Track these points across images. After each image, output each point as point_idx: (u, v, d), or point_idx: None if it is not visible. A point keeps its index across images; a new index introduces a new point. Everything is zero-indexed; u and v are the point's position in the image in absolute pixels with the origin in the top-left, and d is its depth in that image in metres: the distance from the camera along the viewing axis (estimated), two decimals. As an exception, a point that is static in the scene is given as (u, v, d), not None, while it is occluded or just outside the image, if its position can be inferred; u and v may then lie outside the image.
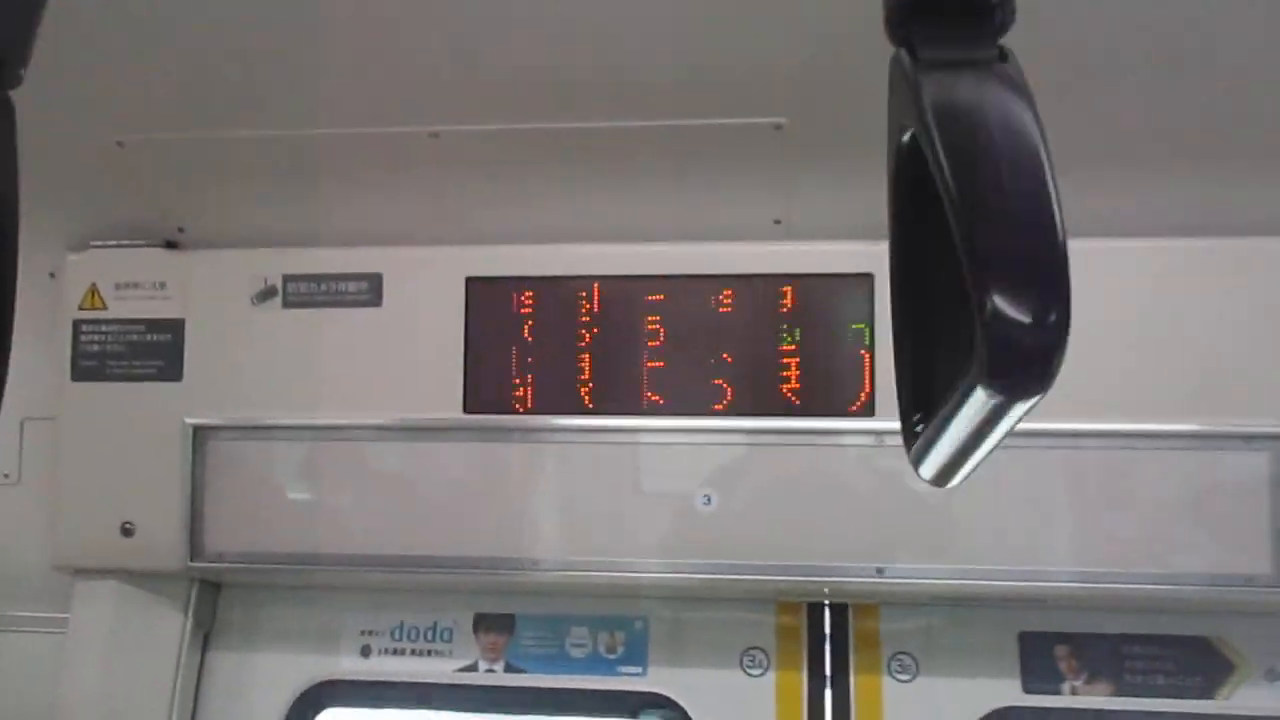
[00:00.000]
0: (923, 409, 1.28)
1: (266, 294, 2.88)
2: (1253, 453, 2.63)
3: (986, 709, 2.83)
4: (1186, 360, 2.64)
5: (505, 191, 2.76)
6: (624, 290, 2.74)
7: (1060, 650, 2.86)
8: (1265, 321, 2.64)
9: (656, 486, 2.77)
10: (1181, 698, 2.79)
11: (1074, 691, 2.83)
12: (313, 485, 2.85)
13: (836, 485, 2.70)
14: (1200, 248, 2.68)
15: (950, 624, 2.90)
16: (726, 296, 2.71)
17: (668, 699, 2.91)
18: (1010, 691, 2.84)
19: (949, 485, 1.33)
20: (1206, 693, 2.80)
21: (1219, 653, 2.86)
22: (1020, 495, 2.66)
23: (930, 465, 1.30)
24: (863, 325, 2.70)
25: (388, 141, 2.62)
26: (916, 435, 1.30)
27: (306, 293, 2.86)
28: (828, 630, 2.93)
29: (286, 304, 2.86)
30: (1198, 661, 2.84)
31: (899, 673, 2.88)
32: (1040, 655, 2.85)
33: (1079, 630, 2.86)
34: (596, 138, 2.55)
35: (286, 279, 2.87)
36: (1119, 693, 2.82)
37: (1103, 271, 2.53)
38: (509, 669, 3.00)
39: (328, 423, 2.83)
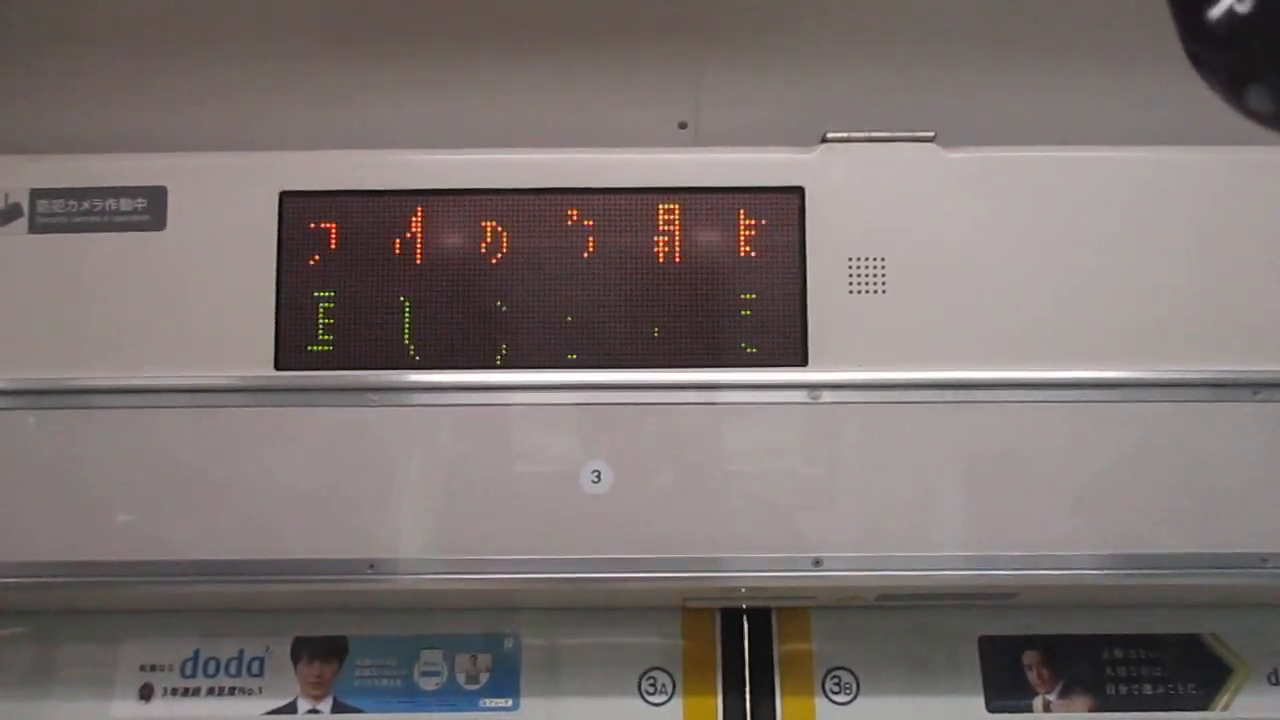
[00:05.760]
0: None
1: (8, 214, 2.30)
2: (1257, 404, 2.18)
3: (943, 734, 2.41)
4: (1184, 294, 2.22)
5: (333, 84, 2.37)
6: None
7: (1029, 657, 2.44)
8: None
9: (533, 461, 2.22)
10: (1173, 709, 2.41)
11: (1047, 707, 2.42)
12: (68, 468, 2.22)
13: (760, 454, 2.22)
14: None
15: (895, 631, 2.47)
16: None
17: (547, 738, 2.42)
18: (971, 711, 2.41)
19: None
20: (1202, 702, 2.42)
21: (1214, 654, 2.45)
22: (997, 463, 2.19)
23: None
24: (793, 252, 2.24)
25: (174, 13, 2.16)
26: None
27: (63, 213, 2.29)
28: (747, 643, 2.48)
29: (35, 228, 2.28)
30: (1191, 665, 2.44)
31: (835, 692, 2.43)
32: (1005, 665, 2.43)
33: (1049, 632, 2.46)
34: (446, 10, 2.14)
35: (35, 195, 2.29)
36: (1101, 706, 2.42)
37: (1087, 184, 2.24)
38: (338, 708, 2.44)
39: (90, 384, 2.23)
